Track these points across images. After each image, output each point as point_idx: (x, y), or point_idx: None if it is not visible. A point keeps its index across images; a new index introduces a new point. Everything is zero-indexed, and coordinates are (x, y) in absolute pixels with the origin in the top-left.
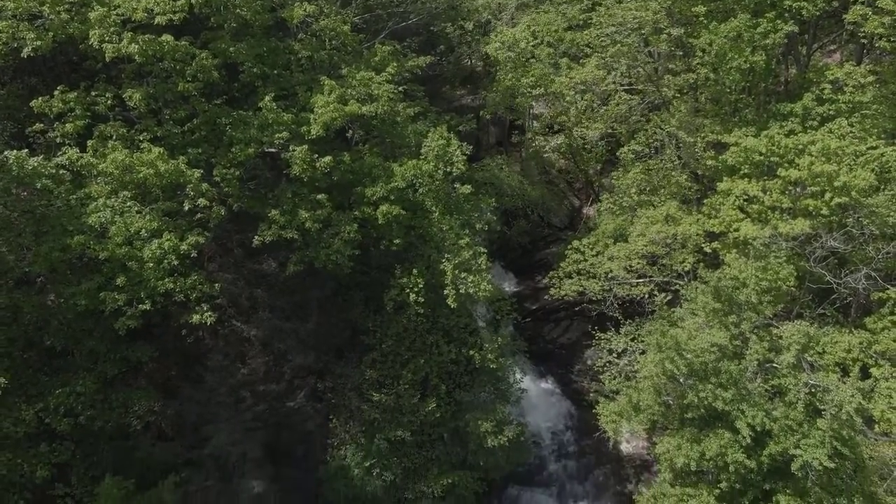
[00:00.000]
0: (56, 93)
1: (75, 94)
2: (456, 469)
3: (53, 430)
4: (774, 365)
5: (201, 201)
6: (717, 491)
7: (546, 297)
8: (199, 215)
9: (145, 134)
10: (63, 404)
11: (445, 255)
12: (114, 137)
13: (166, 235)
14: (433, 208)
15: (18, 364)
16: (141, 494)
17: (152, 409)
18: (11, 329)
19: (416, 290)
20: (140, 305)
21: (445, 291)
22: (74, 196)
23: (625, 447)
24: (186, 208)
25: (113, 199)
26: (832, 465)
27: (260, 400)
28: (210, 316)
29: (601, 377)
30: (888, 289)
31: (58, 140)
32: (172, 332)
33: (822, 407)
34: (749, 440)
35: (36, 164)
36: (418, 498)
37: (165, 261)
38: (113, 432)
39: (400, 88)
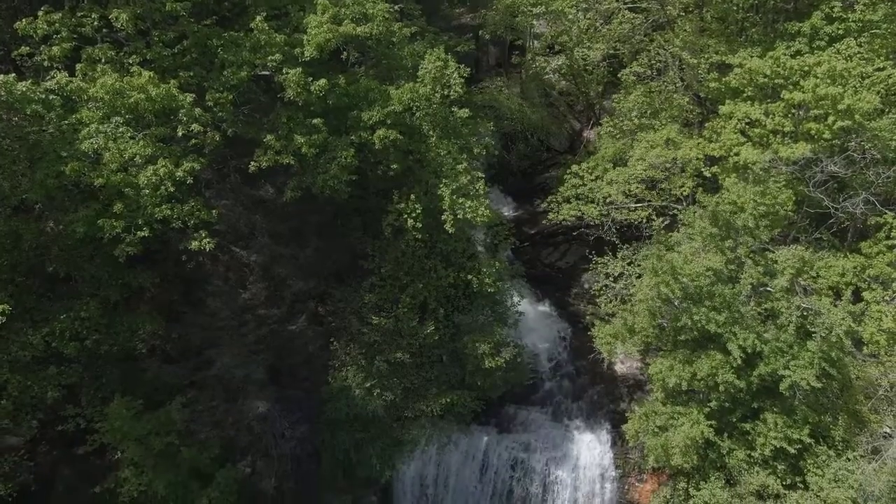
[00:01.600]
0: (40, 13)
1: (60, 14)
2: (454, 389)
3: (61, 354)
4: (768, 289)
5: (195, 127)
6: (707, 409)
7: (544, 221)
8: (193, 141)
9: (134, 57)
10: (68, 329)
11: (443, 180)
12: (103, 61)
13: (161, 162)
14: (431, 132)
15: (22, 290)
16: (149, 414)
17: (157, 333)
18: (12, 255)
19: (413, 215)
20: (138, 232)
21: (443, 216)
22: (66, 122)
23: (619, 368)
24: (180, 134)
25: (105, 125)
26: (819, 385)
27: (262, 324)
28: (209, 242)
29: (597, 300)
30: (886, 213)
31: (45, 64)
32: (173, 258)
33: (813, 329)
34: (740, 361)
35: (25, 89)
36: (418, 416)
37: (162, 187)
38: (119, 355)
39: (396, 7)
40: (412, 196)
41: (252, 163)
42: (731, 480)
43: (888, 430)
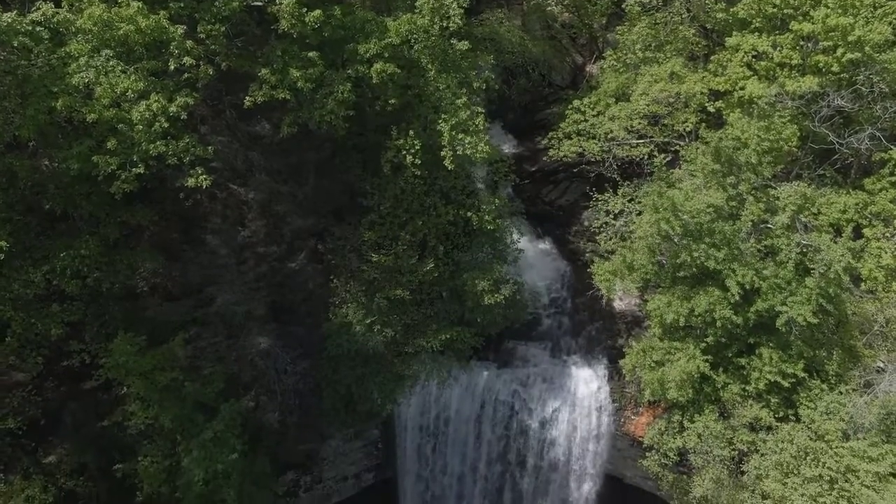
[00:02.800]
0: None
1: None
2: (454, 325)
3: (63, 292)
4: (769, 225)
5: (187, 60)
6: (704, 344)
7: (545, 158)
8: (186, 75)
9: None
10: (69, 266)
11: (442, 116)
12: None
13: (154, 97)
14: (429, 66)
15: (20, 228)
16: (153, 350)
17: (157, 270)
18: (9, 193)
19: (413, 151)
20: (133, 169)
21: (443, 153)
22: (55, 56)
23: (617, 304)
24: (172, 68)
25: (95, 59)
26: (816, 321)
27: (261, 261)
28: (205, 179)
29: (597, 238)
30: (891, 149)
31: None
32: (170, 196)
33: (812, 266)
34: (738, 298)
35: (10, 21)
36: (418, 352)
37: (156, 123)
38: (121, 293)
39: None
40: (411, 132)
41: (247, 97)
42: (725, 413)
43: (881, 365)
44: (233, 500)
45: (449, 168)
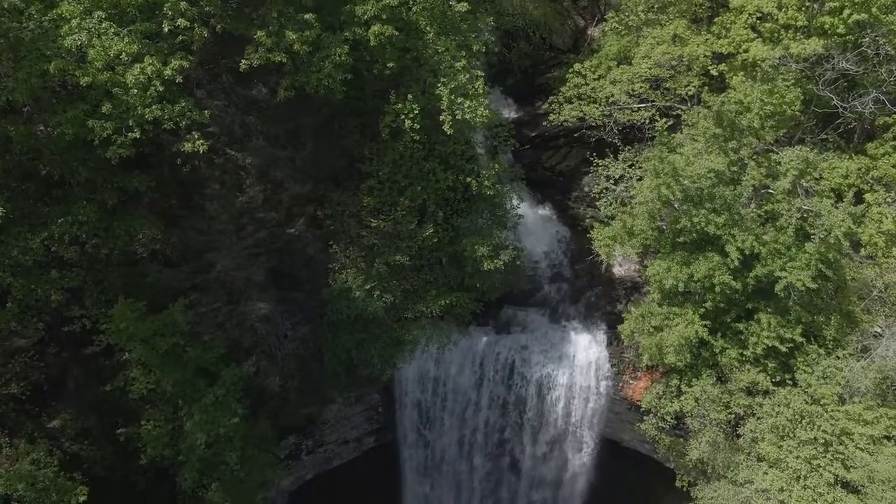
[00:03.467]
0: None
1: None
2: (453, 291)
3: (62, 258)
4: (770, 191)
5: (181, 22)
6: (702, 310)
7: (545, 123)
8: (180, 38)
9: None
10: (67, 233)
11: (441, 79)
12: None
13: (148, 60)
14: (428, 28)
15: (17, 194)
16: (153, 316)
17: (156, 237)
18: (5, 160)
19: (411, 116)
20: (129, 134)
21: (442, 117)
22: (47, 18)
23: (617, 270)
24: (166, 30)
25: (88, 20)
26: (815, 287)
27: (260, 227)
28: (202, 144)
29: (597, 203)
30: (895, 113)
31: None
32: (167, 161)
33: (812, 231)
34: (737, 263)
35: None
36: (417, 317)
37: (151, 87)
38: (120, 259)
39: None
40: (410, 96)
41: (243, 61)
42: (723, 378)
43: (878, 330)
44: (235, 463)
45: (448, 133)
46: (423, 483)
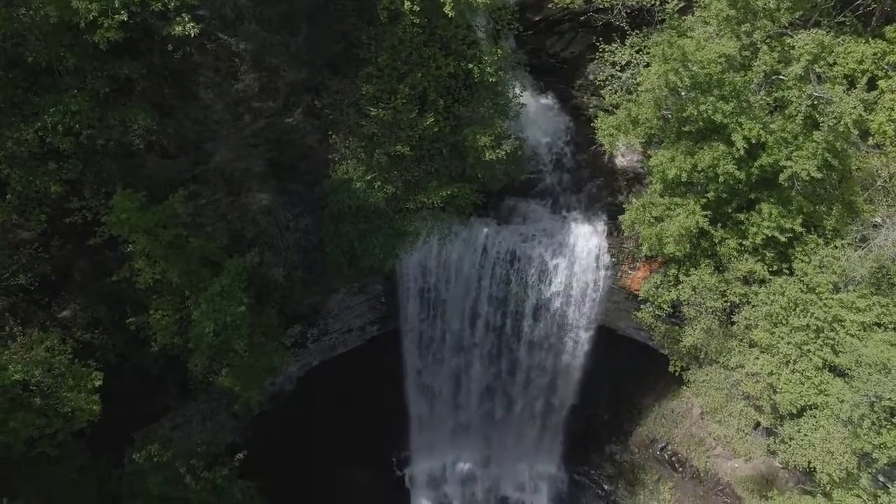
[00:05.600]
0: None
1: None
2: (455, 182)
3: (58, 150)
4: (781, 77)
5: None
6: (704, 200)
7: (550, 5)
8: None
9: None
10: (60, 123)
11: None
12: None
13: None
14: None
15: (6, 84)
16: (154, 207)
17: (151, 127)
18: None
19: None
20: (116, 16)
21: None
22: None
23: (619, 161)
24: None
25: None
26: (819, 176)
27: (257, 117)
28: (193, 27)
29: (602, 91)
30: None
31: None
32: (158, 48)
33: (821, 119)
34: (742, 152)
35: None
36: (419, 208)
37: None
38: (117, 151)
39: None
40: None
41: None
42: (721, 267)
43: (879, 221)
44: (243, 350)
45: (449, 15)
46: (425, 370)
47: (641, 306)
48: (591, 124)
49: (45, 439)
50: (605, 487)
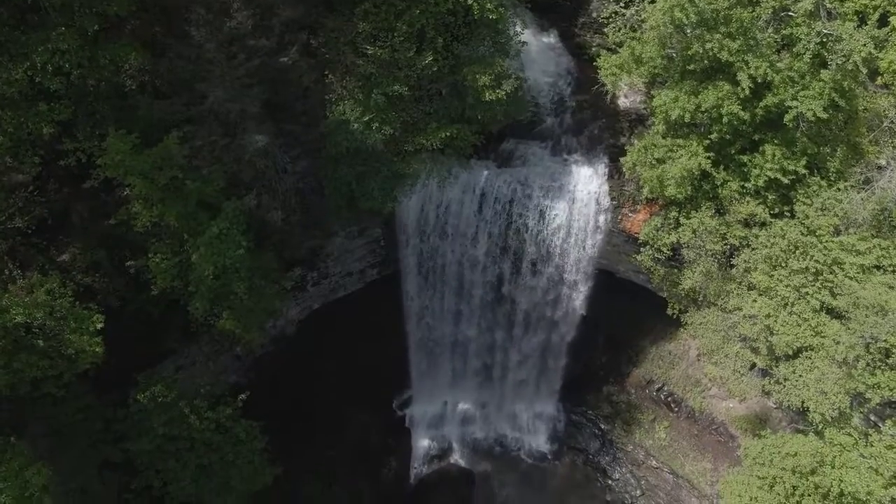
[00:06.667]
0: None
1: None
2: (454, 123)
3: (49, 91)
4: (790, 13)
5: None
6: (707, 141)
7: None
8: None
9: None
10: (49, 62)
11: None
12: None
13: None
14: None
15: None
16: (149, 150)
17: (143, 67)
18: None
19: None
20: None
21: None
22: None
23: (622, 102)
24: None
25: None
26: (825, 117)
27: (252, 55)
28: None
29: (605, 30)
30: None
31: None
32: None
33: (830, 57)
34: (748, 92)
35: None
36: (417, 150)
37: None
38: (109, 92)
39: None
40: None
41: None
42: (721, 210)
43: (883, 163)
44: (243, 293)
45: None
46: (425, 313)
47: (641, 249)
48: (594, 63)
49: (50, 380)
50: (602, 427)
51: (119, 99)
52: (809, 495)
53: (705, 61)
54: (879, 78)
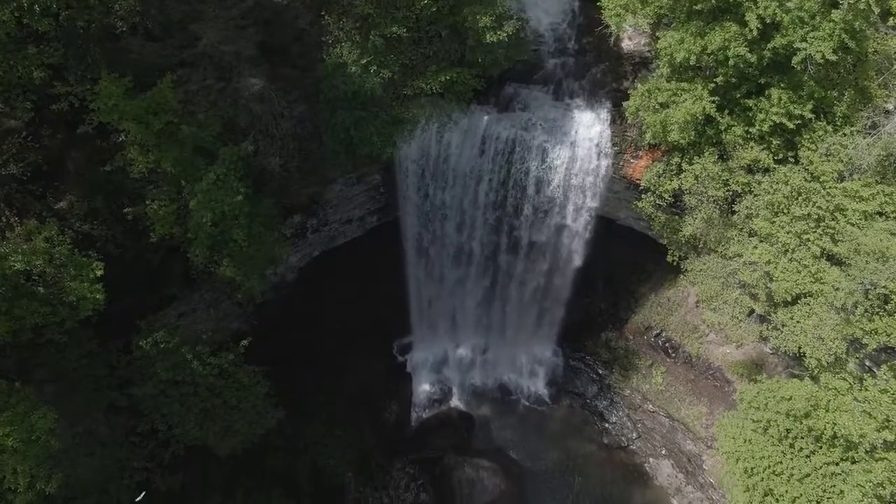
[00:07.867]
0: None
1: None
2: (454, 66)
3: (38, 33)
4: None
5: None
6: (712, 85)
7: None
8: None
9: None
10: (36, 3)
11: None
12: None
13: None
14: None
15: None
16: (143, 94)
17: (134, 8)
18: None
19: None
20: None
21: None
22: None
23: (626, 44)
24: None
25: None
26: (834, 59)
27: None
28: None
29: None
30: None
31: None
32: None
33: None
34: (755, 33)
35: None
36: (417, 95)
37: None
38: (100, 34)
39: None
40: None
41: None
42: (725, 156)
43: (891, 107)
44: (242, 240)
45: None
46: (425, 260)
47: (642, 195)
48: (598, 3)
49: (53, 327)
50: (600, 372)
51: (110, 41)
52: (802, 437)
53: (712, 1)
54: (891, 19)
